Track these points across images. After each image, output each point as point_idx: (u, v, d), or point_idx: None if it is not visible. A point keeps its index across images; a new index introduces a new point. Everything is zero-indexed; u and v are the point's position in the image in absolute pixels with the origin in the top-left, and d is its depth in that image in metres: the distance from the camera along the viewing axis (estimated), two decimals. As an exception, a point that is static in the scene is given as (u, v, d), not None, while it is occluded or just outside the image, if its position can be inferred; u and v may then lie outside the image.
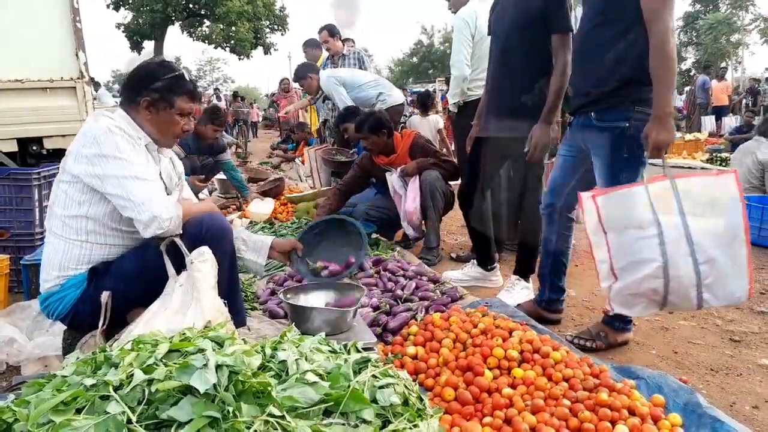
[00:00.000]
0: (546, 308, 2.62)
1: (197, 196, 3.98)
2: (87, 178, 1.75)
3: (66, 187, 1.81)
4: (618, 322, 2.36)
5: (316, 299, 2.25)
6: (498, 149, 2.89)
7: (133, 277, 1.82)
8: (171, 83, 1.87)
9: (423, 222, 3.75)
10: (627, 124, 2.11)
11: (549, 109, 2.51)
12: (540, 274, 2.66)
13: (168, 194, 1.97)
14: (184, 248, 1.76)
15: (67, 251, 1.82)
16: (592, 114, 2.22)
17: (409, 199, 3.65)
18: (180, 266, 1.78)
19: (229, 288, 1.97)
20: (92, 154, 1.74)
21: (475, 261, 3.29)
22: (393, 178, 3.78)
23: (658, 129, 1.94)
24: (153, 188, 1.76)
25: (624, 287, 1.94)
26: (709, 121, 13.32)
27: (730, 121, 12.78)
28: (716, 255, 1.83)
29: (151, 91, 1.85)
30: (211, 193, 5.55)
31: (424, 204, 3.63)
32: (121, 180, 1.73)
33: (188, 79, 1.93)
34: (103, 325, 1.76)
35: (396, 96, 5.09)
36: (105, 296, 1.77)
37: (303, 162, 7.07)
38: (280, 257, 2.30)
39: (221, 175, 6.16)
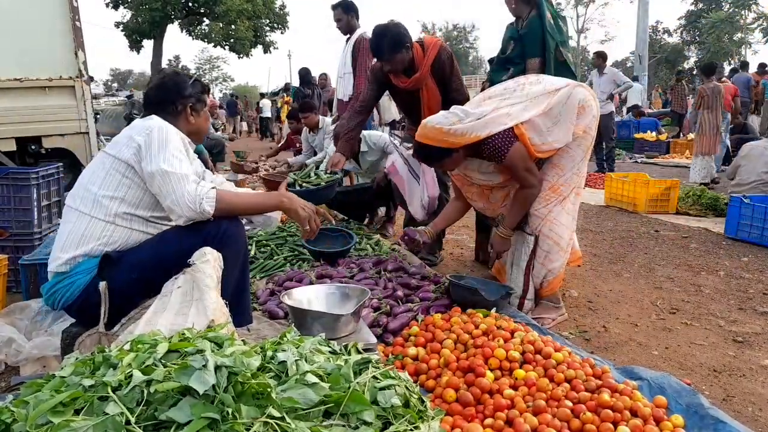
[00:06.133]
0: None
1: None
2: (135, 164, 1.83)
3: (108, 168, 1.86)
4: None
5: (318, 302, 2.19)
6: None
7: (146, 267, 1.81)
8: (196, 87, 2.13)
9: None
10: None
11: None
12: None
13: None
14: None
15: (89, 228, 1.83)
16: None
17: (429, 185, 3.58)
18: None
19: (240, 287, 1.98)
20: (144, 144, 1.82)
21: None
22: (396, 159, 3.79)
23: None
24: (193, 184, 1.81)
25: None
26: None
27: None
28: None
29: (186, 98, 2.08)
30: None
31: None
32: (169, 174, 1.78)
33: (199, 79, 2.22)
34: (104, 316, 1.75)
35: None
36: (102, 286, 1.76)
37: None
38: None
39: (225, 176, 6.19)
